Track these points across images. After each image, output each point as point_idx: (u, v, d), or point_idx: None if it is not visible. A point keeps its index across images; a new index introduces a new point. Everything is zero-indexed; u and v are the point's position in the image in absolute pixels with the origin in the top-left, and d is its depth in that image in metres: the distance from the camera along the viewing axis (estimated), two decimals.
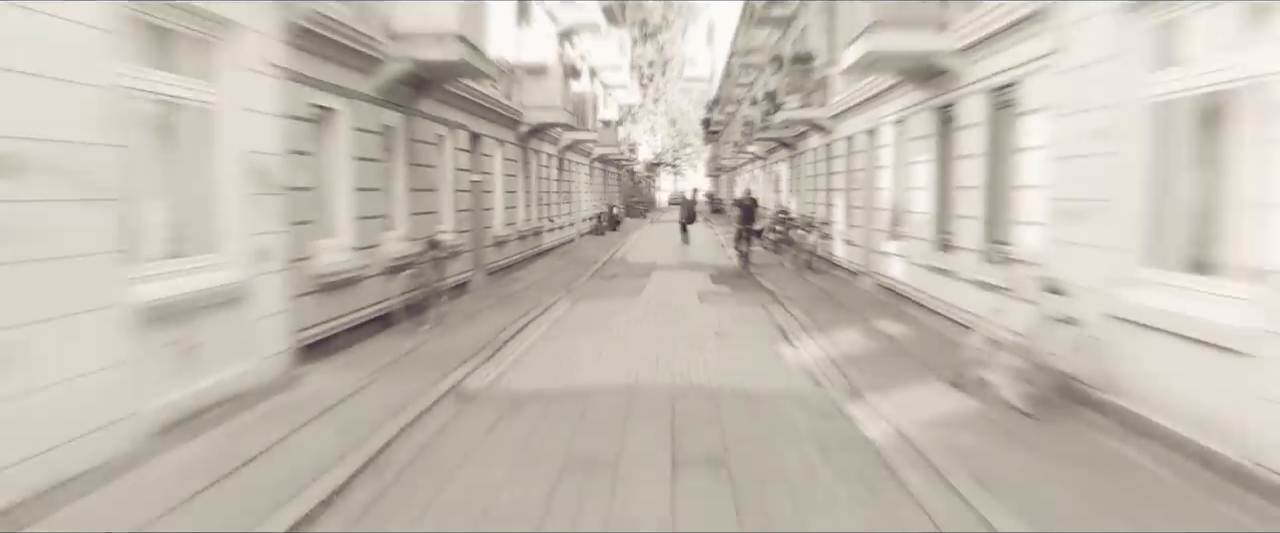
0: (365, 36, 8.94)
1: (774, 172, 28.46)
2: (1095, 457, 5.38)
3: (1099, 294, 6.17)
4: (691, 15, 55.46)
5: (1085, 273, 6.37)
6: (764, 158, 30.72)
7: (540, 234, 19.97)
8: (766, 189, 30.31)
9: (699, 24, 65.09)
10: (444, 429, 6.15)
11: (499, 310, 11.61)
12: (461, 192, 13.51)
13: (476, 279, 14.11)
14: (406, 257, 10.33)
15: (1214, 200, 5.44)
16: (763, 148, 28.56)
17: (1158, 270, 5.77)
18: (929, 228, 10.61)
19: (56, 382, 4.68)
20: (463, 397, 7.09)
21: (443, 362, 8.18)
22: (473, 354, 8.55)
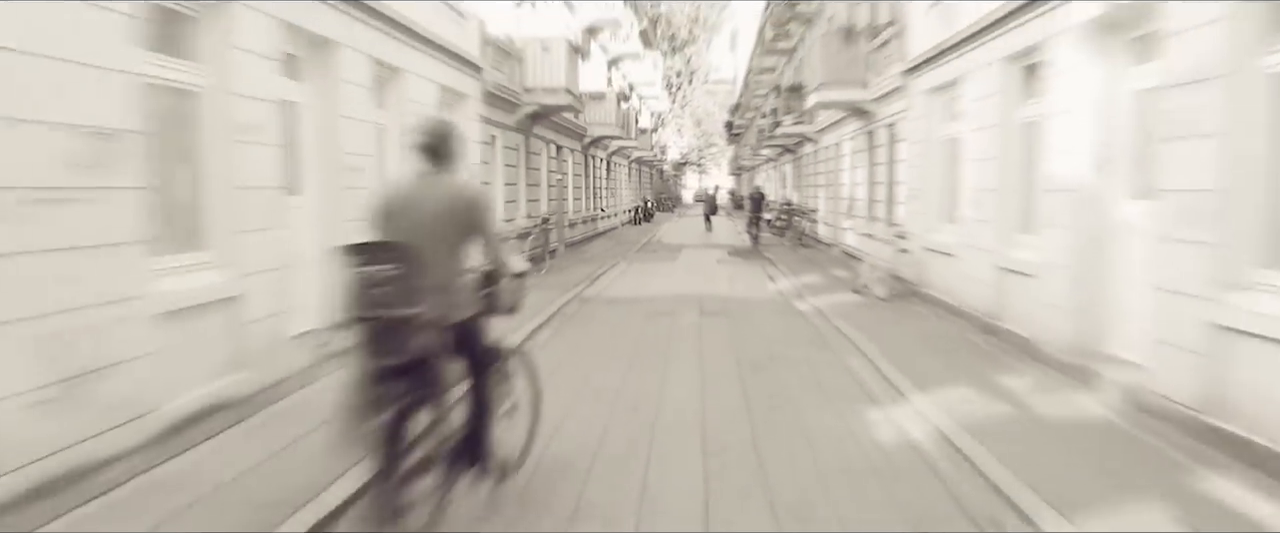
0: (512, 93, 14.76)
1: (782, 171, 34.10)
2: (907, 313, 10.98)
3: (920, 238, 11.82)
4: (715, 29, 60.98)
5: (916, 226, 12.02)
6: (775, 159, 36.35)
7: (596, 220, 25.80)
8: (777, 185, 35.93)
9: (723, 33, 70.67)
10: (580, 308, 11.91)
11: (583, 265, 17.40)
12: (551, 187, 19.33)
13: (560, 248, 19.95)
14: (528, 227, 16.15)
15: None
16: (773, 152, 34.21)
17: (944, 223, 11.39)
18: (863, 209, 16.25)
19: None
20: (582, 299, 12.84)
21: (562, 286, 13.92)
22: (577, 284, 14.29)
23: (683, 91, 57.06)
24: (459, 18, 11.92)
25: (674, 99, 54.94)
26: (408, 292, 3.76)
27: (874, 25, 14.69)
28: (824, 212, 22.05)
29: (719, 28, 63.72)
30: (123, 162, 4.91)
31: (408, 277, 3.77)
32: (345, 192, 7.90)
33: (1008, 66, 8.72)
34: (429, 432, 4.01)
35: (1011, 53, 8.49)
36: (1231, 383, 5.06)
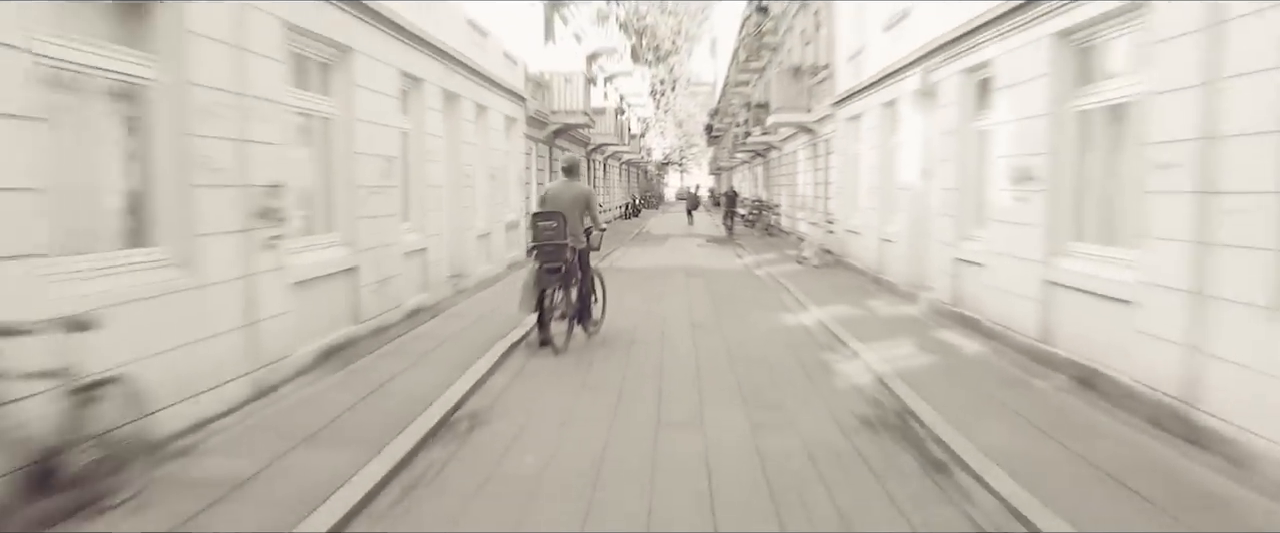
0: (543, 115, 19.47)
1: (754, 173, 38.95)
2: (828, 273, 15.75)
3: (841, 223, 16.66)
4: (696, 39, 65.78)
5: (840, 214, 16.86)
6: (748, 162, 41.20)
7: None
8: (751, 185, 40.78)
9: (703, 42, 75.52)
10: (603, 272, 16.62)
11: None
12: None
13: None
14: None
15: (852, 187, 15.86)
16: (746, 156, 39.06)
17: (853, 212, 16.19)
18: (809, 203, 21.10)
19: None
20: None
21: None
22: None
23: (666, 98, 61.85)
24: (512, 64, 16.60)
25: (658, 105, 59.71)
26: (558, 234, 8.48)
27: (815, 66, 19.51)
28: (785, 207, 26.88)
29: (700, 38, 68.66)
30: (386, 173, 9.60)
31: (558, 228, 8.49)
32: (465, 191, 12.60)
33: (883, 109, 13.54)
34: (563, 300, 8.74)
35: (884, 102, 13.32)
36: (964, 290, 9.86)
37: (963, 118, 9.91)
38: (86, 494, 3.98)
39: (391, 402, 6.37)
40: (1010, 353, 8.11)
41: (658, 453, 5.51)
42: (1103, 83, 6.94)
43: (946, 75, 10.24)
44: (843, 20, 16.58)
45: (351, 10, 8.27)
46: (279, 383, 6.69)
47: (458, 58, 12.01)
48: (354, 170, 8.47)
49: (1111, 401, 6.26)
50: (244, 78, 6.20)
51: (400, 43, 9.76)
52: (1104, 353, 6.53)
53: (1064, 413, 6.09)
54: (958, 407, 6.18)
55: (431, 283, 11.00)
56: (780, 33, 26.25)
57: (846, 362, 8.27)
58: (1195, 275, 5.33)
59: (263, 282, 6.48)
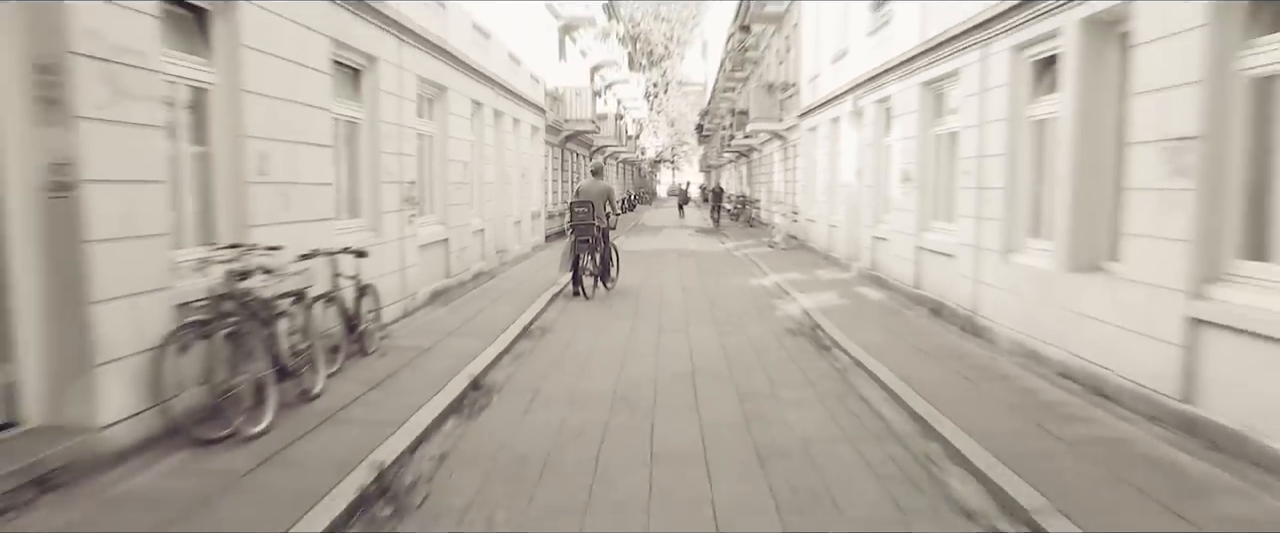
0: (557, 123, 23.18)
1: (740, 171, 42.75)
2: (791, 253, 19.51)
3: (804, 212, 20.44)
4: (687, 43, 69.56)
5: (802, 206, 20.65)
6: (734, 162, 44.99)
7: None
8: (737, 182, 44.57)
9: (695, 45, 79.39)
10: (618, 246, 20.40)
11: None
12: (569, 182, 27.75)
13: None
14: (563, 209, 24.56)
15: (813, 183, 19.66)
16: (733, 155, 42.83)
17: (811, 204, 19.96)
18: (781, 198, 24.88)
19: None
20: None
21: None
22: None
23: (659, 99, 65.65)
24: (536, 83, 20.29)
25: (652, 107, 63.49)
26: (588, 216, 12.23)
27: (785, 83, 23.27)
28: (764, 201, 30.66)
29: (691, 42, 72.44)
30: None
31: (588, 212, 12.24)
32: (507, 187, 16.31)
33: (830, 124, 17.31)
34: (590, 263, 12.49)
35: (831, 118, 17.08)
36: (877, 259, 13.63)
37: (877, 134, 13.67)
38: (366, 346, 7.70)
39: (488, 321, 10.07)
40: (899, 298, 11.88)
41: (660, 344, 9.23)
42: (946, 117, 10.70)
43: (868, 103, 13.99)
44: (806, 48, 20.34)
45: (445, 61, 11.95)
46: (414, 310, 10.40)
47: (503, 84, 15.72)
48: (446, 172, 12.16)
49: (945, 319, 10.03)
50: (399, 113, 9.91)
51: (471, 79, 13.46)
52: (945, 291, 10.29)
53: (912, 326, 9.84)
54: (848, 324, 9.92)
55: (486, 255, 14.71)
56: (760, 49, 30.02)
57: (787, 304, 12.03)
58: (976, 236, 9.10)
59: (407, 244, 10.18)
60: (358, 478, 4.72)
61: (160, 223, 5.27)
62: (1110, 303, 6.43)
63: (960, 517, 4.46)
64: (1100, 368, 6.50)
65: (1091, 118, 6.90)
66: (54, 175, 4.55)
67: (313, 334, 6.54)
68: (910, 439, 5.80)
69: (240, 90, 6.26)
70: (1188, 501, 4.37)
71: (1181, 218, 5.54)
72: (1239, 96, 5.27)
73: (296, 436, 5.46)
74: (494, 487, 4.87)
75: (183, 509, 4.25)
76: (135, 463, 4.86)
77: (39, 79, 4.48)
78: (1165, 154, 5.70)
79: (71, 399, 4.70)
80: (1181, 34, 5.52)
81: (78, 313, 4.65)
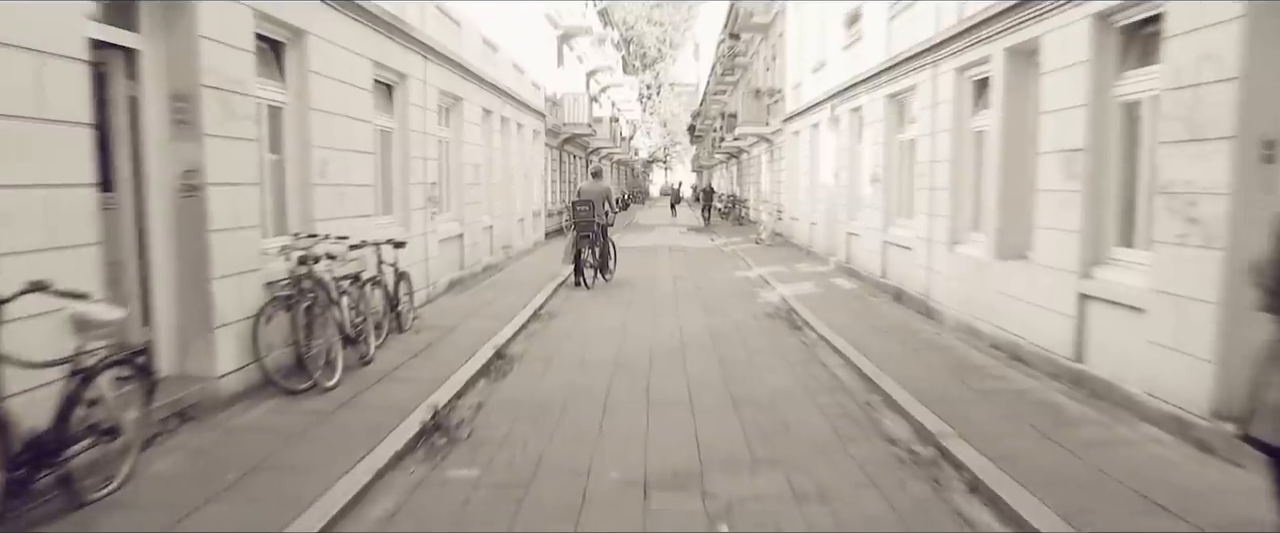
0: (556, 127, 24.52)
1: (730, 171, 44.14)
2: (775, 249, 20.87)
3: (788, 211, 21.83)
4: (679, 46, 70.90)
5: (787, 205, 22.04)
6: (726, 161, 46.38)
7: None
8: (728, 182, 45.95)
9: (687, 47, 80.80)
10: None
11: None
12: (567, 182, 29.09)
13: None
14: (562, 208, 25.89)
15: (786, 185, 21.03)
16: (723, 156, 44.21)
17: (794, 203, 21.34)
18: (768, 197, 26.27)
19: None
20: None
21: None
22: None
23: (652, 100, 67.04)
24: (537, 90, 21.62)
25: (645, 108, 64.83)
26: (589, 214, 13.58)
27: (771, 89, 24.65)
28: (753, 201, 32.04)
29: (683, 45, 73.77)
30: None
31: (589, 210, 13.59)
32: (511, 187, 17.65)
33: (811, 129, 18.70)
34: (590, 256, 13.84)
35: (811, 124, 18.47)
36: (851, 253, 15.01)
37: (851, 140, 15.05)
38: (403, 323, 9.03)
39: (502, 306, 11.39)
40: (867, 287, 13.25)
41: (654, 325, 10.58)
42: (907, 126, 12.08)
43: (843, 111, 15.37)
44: (790, 57, 21.72)
45: (461, 74, 13.28)
46: (436, 296, 11.72)
47: (509, 93, 17.05)
48: (461, 173, 13.49)
49: (904, 304, 11.40)
50: (424, 122, 11.24)
51: (482, 89, 14.79)
52: (905, 279, 11.65)
53: (875, 310, 11.20)
54: (820, 309, 11.27)
55: (494, 250, 16.04)
56: (749, 55, 31.42)
57: (768, 293, 13.39)
58: (929, 231, 10.48)
59: (430, 238, 11.50)
60: (419, 416, 6.05)
61: (255, 217, 6.60)
62: (1027, 284, 7.80)
63: (885, 441, 5.82)
64: (1018, 338, 7.87)
65: (1014, 131, 8.28)
66: (185, 180, 5.87)
67: (365, 311, 7.87)
68: (856, 392, 7.16)
69: (307, 108, 7.59)
70: (1057, 429, 5.73)
71: (1074, 213, 6.92)
72: (1114, 117, 6.64)
73: (362, 388, 6.80)
74: (523, 424, 6.21)
75: (288, 436, 5.57)
76: (243, 405, 6.19)
77: (175, 105, 5.80)
78: (1062, 162, 7.08)
79: (195, 354, 6.02)
80: (1073, 66, 6.89)
81: (201, 288, 5.97)
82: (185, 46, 5.76)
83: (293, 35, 7.45)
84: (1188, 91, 5.38)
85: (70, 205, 4.52)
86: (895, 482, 5.04)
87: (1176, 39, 5.53)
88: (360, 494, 4.71)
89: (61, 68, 4.44)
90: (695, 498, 4.75)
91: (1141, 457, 5.17)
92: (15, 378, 3.88)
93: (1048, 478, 4.77)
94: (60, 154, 4.45)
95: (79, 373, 4.16)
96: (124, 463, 4.57)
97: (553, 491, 4.87)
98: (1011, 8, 7.88)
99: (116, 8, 5.36)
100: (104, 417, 4.38)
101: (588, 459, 5.39)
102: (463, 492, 4.87)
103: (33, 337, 4.03)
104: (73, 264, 4.41)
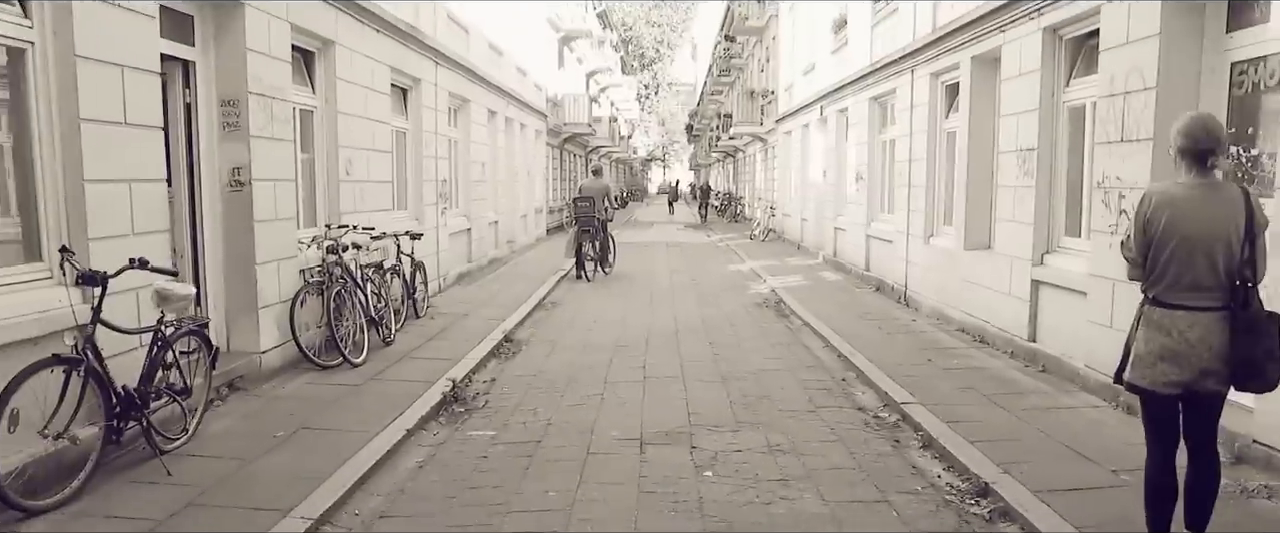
0: (558, 127, 25.26)
1: (726, 170, 44.90)
2: (771, 246, 21.63)
3: (781, 208, 22.59)
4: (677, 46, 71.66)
5: (780, 202, 22.79)
6: (722, 160, 47.14)
7: None
8: (724, 180, 46.71)
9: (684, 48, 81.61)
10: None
11: None
12: (567, 181, 29.83)
13: None
14: (562, 205, 26.62)
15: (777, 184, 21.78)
16: (720, 155, 44.97)
17: (786, 200, 22.09)
18: (762, 194, 27.02)
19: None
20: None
21: None
22: None
23: (650, 100, 67.83)
24: (539, 91, 22.36)
25: (643, 107, 65.60)
26: (590, 210, 14.35)
27: (765, 90, 25.41)
28: (748, 198, 32.81)
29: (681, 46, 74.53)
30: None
31: (590, 207, 14.36)
32: (515, 185, 18.40)
33: (802, 129, 19.45)
34: (591, 250, 14.59)
35: (802, 124, 19.22)
36: (838, 247, 15.76)
37: (838, 139, 15.81)
38: (418, 310, 9.77)
39: (508, 295, 12.12)
40: (852, 278, 14.00)
41: (651, 313, 11.32)
42: (888, 127, 12.83)
43: (831, 112, 16.12)
44: (783, 60, 22.47)
45: (469, 78, 14.02)
46: (446, 287, 12.46)
47: (513, 94, 17.80)
48: (468, 172, 14.24)
49: (885, 293, 12.15)
50: (435, 124, 11.99)
51: (488, 92, 15.53)
52: (886, 271, 12.40)
53: (858, 299, 11.95)
54: (806, 298, 12.02)
55: (499, 245, 16.78)
56: (744, 57, 32.18)
57: (759, 285, 14.14)
58: (907, 225, 11.23)
59: (440, 232, 12.24)
60: (439, 388, 6.79)
61: (291, 210, 7.34)
62: (990, 272, 8.55)
63: (854, 409, 6.57)
64: (984, 322, 8.63)
65: (979, 132, 9.03)
66: (233, 177, 6.61)
67: (386, 296, 8.61)
68: (833, 369, 7.91)
69: (335, 112, 8.33)
70: (1007, 398, 6.48)
71: (1028, 207, 7.67)
72: (1062, 120, 7.40)
73: (387, 365, 7.54)
74: (533, 394, 6.95)
75: (325, 403, 6.31)
76: (283, 377, 6.93)
77: (224, 110, 6.54)
78: (1018, 160, 7.84)
79: (241, 331, 6.76)
80: (1028, 74, 7.65)
81: (248, 272, 6.71)
82: (234, 58, 6.49)
83: (322, 45, 8.18)
84: (1119, 98, 6.13)
85: (147, 197, 5.26)
86: (860, 439, 5.79)
87: (1110, 52, 6.29)
88: (394, 448, 5.45)
89: (140, 80, 5.17)
90: (685, 452, 5.49)
91: (1077, 419, 5.92)
92: (114, 342, 4.63)
93: (991, 436, 5.52)
94: (139, 153, 5.19)
95: (160, 339, 4.90)
96: (191, 420, 5.31)
97: (561, 446, 5.61)
98: (977, 20, 8.63)
99: (175, 24, 6.09)
100: (177, 379, 5.12)
101: (591, 422, 6.13)
102: (482, 447, 5.61)
103: (125, 308, 4.77)
104: (149, 247, 5.13)
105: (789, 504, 4.58)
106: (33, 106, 4.56)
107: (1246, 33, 5.29)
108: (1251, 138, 5.26)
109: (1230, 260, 3.38)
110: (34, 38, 4.52)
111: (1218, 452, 3.64)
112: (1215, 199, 3.42)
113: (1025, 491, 4.55)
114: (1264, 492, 4.45)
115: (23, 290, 4.49)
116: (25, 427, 4.11)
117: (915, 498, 4.71)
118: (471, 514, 4.45)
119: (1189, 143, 3.46)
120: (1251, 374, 3.42)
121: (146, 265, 4.63)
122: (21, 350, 4.25)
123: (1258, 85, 5.18)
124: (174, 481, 4.64)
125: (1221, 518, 3.88)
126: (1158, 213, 3.47)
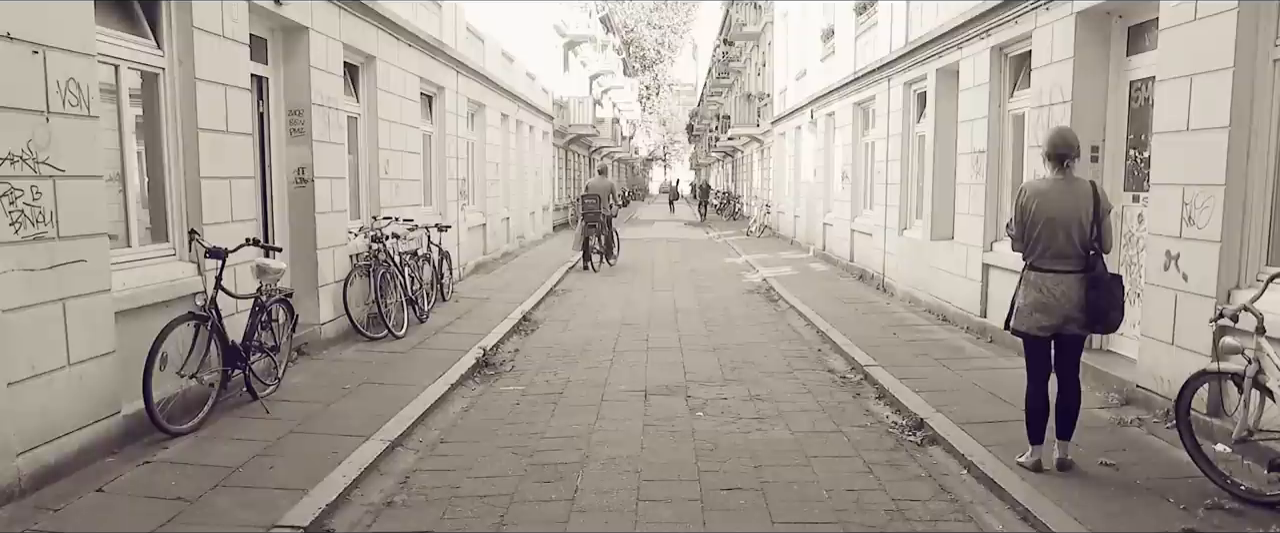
0: (564, 128, 26.45)
1: (726, 169, 46.08)
2: (766, 242, 22.80)
3: (776, 206, 23.78)
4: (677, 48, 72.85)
5: (775, 200, 23.98)
6: (721, 160, 48.32)
7: None
8: (723, 179, 47.88)
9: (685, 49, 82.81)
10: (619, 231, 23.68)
11: None
12: (572, 179, 31.02)
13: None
14: (567, 203, 27.81)
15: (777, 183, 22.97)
16: (719, 155, 46.15)
17: (780, 198, 23.27)
18: (759, 192, 28.20)
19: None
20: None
21: None
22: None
23: (651, 101, 69.05)
24: (546, 94, 23.55)
25: (644, 108, 66.80)
26: (596, 206, 15.55)
27: (762, 93, 26.59)
28: (746, 197, 34.00)
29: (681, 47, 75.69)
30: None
31: (597, 202, 15.56)
32: (525, 183, 19.59)
33: (795, 131, 20.63)
34: (597, 243, 15.80)
35: (795, 126, 20.41)
36: (827, 241, 16.95)
37: (826, 141, 17.00)
38: (445, 294, 10.97)
39: (523, 284, 13.31)
40: (838, 269, 15.20)
41: (653, 299, 12.51)
42: (870, 130, 14.01)
43: (821, 115, 17.31)
44: (778, 64, 23.66)
45: (484, 84, 15.21)
46: (466, 276, 13.65)
47: (522, 98, 19.00)
48: (484, 171, 15.43)
49: (866, 282, 13.34)
50: (456, 130, 13.19)
51: (501, 96, 16.73)
52: (867, 261, 13.59)
53: (841, 287, 13.14)
54: (794, 286, 13.20)
55: (510, 239, 17.99)
56: (742, 61, 33.38)
57: (752, 275, 15.34)
58: (884, 220, 12.42)
59: (460, 226, 13.43)
60: (473, 354, 7.99)
61: (344, 204, 8.54)
62: (951, 259, 9.74)
63: (825, 371, 7.77)
64: (946, 303, 9.81)
65: (943, 136, 10.21)
66: (298, 175, 7.81)
67: (420, 280, 9.81)
68: (811, 342, 9.11)
69: (377, 118, 9.53)
70: (954, 362, 7.67)
71: (980, 201, 8.86)
72: (1007, 126, 8.59)
73: (425, 338, 8.74)
74: (552, 360, 8.15)
75: (376, 368, 7.51)
76: (338, 347, 8.14)
77: (291, 118, 7.74)
78: (972, 161, 9.03)
79: (304, 306, 7.94)
80: (980, 86, 8.84)
81: (309, 255, 7.91)
82: (299, 74, 7.70)
83: (365, 60, 9.38)
84: (1045, 109, 7.31)
85: (242, 191, 6.46)
86: (826, 392, 6.98)
87: (1039, 70, 7.48)
88: (442, 398, 6.64)
89: (238, 96, 6.37)
90: (681, 400, 6.69)
91: (1008, 377, 7.10)
92: (227, 305, 5.83)
93: (933, 387, 6.71)
94: (237, 155, 6.38)
95: (259, 305, 6.10)
96: (277, 373, 6.51)
97: (579, 396, 6.81)
98: (940, 36, 9.82)
99: (256, 48, 7.28)
100: (269, 338, 6.32)
101: (603, 379, 7.34)
102: (513, 398, 6.81)
103: (233, 279, 5.97)
104: (244, 232, 6.33)
105: (763, 434, 5.78)
106: (163, 120, 5.75)
107: (1140, 57, 6.48)
108: (1144, 143, 6.45)
109: (1083, 235, 4.57)
110: (165, 65, 5.71)
111: (1079, 380, 4.84)
112: (1070, 190, 4.61)
113: (951, 423, 5.74)
114: (1137, 423, 5.64)
115: (157, 265, 5.68)
116: (169, 368, 5.30)
117: (865, 430, 5.91)
118: (513, 438, 5.65)
119: (1051, 148, 4.65)
120: (1098, 319, 4.61)
121: (258, 243, 5.83)
122: (156, 312, 5.43)
123: (1148, 100, 6.37)
124: (273, 416, 5.84)
125: (1100, 440, 5.12)
126: (1030, 201, 4.67)
